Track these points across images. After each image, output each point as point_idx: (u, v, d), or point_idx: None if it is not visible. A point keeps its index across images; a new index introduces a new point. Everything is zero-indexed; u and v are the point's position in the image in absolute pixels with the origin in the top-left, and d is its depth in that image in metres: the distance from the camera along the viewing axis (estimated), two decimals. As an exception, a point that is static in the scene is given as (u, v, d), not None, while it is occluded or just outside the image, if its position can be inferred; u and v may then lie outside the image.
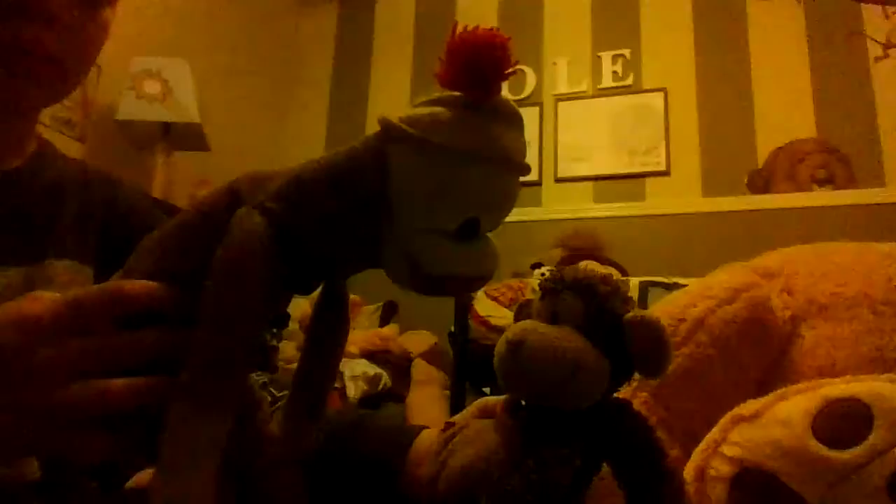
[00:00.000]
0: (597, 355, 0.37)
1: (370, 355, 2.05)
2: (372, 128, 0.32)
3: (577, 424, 0.38)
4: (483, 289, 1.90)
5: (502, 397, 0.45)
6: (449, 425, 0.45)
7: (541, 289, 0.41)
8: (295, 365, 0.42)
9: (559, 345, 0.37)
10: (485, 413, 0.49)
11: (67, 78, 0.55)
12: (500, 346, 0.39)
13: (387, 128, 0.30)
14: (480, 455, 0.39)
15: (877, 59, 2.31)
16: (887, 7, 2.31)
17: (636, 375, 0.40)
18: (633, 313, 0.37)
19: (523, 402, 0.42)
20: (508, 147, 0.30)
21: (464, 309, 1.82)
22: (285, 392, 0.59)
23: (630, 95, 2.57)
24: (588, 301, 0.38)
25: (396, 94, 2.89)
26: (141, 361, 0.34)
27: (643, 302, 1.66)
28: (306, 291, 0.37)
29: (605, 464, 0.39)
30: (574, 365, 0.36)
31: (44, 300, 0.35)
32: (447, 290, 0.32)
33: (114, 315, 0.35)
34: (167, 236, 0.36)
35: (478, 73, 0.28)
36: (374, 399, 1.94)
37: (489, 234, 0.33)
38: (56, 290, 0.58)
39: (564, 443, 0.36)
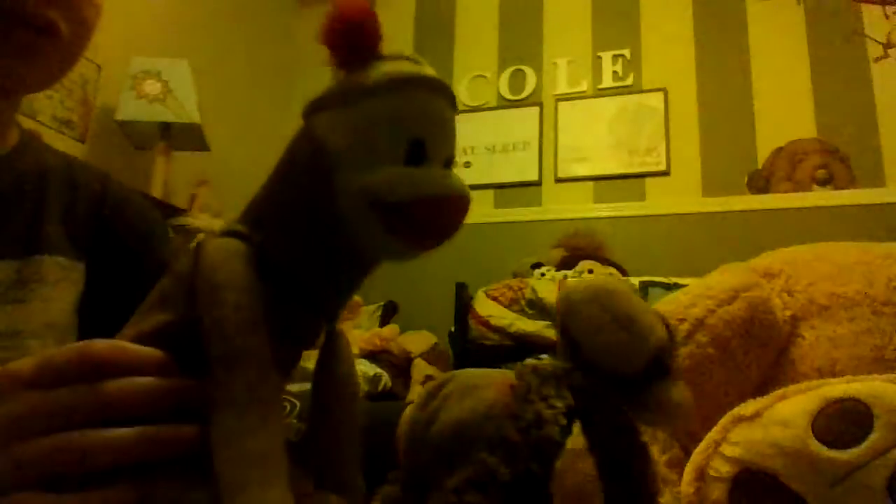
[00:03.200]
0: None
1: (370, 355, 2.05)
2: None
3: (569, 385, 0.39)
4: (483, 289, 1.90)
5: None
6: (429, 378, 0.46)
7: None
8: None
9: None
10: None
11: (64, 53, 0.54)
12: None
13: (302, 114, 0.33)
14: (476, 409, 0.39)
15: (877, 59, 2.31)
16: (887, 7, 2.31)
17: None
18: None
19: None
20: (407, 70, 0.32)
21: (464, 309, 1.82)
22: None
23: (630, 95, 2.57)
24: None
25: (396, 94, 2.89)
26: (128, 414, 0.30)
27: (643, 302, 1.66)
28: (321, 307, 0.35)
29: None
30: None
31: (25, 360, 0.32)
32: (419, 217, 0.30)
33: (84, 374, 0.31)
34: (144, 304, 0.35)
35: (352, 42, 0.32)
36: (374, 399, 1.94)
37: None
38: (48, 287, 0.57)
39: (556, 402, 0.37)
